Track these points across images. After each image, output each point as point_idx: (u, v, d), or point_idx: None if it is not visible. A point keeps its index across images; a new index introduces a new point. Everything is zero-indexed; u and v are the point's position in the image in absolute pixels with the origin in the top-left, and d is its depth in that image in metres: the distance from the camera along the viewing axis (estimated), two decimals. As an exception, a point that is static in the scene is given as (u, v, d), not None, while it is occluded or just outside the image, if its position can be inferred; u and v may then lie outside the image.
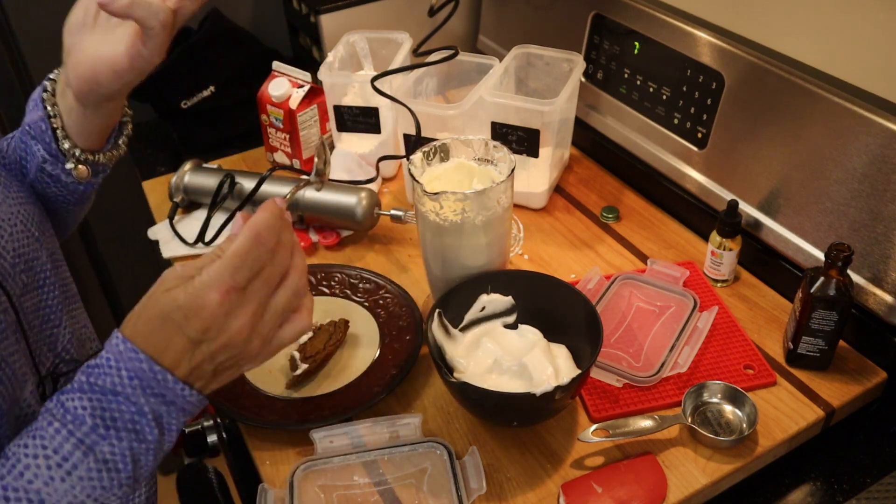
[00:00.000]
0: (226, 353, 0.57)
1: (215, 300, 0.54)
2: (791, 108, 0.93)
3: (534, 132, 1.09)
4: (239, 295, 0.55)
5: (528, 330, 0.87)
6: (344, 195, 1.09)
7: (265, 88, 1.25)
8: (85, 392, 0.55)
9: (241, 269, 0.55)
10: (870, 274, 0.87)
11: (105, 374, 0.55)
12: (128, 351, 0.55)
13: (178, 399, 0.57)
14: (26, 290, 0.68)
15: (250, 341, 0.57)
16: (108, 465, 0.55)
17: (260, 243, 0.56)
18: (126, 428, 0.56)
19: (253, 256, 0.56)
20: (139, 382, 0.55)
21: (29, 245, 0.69)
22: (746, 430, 0.81)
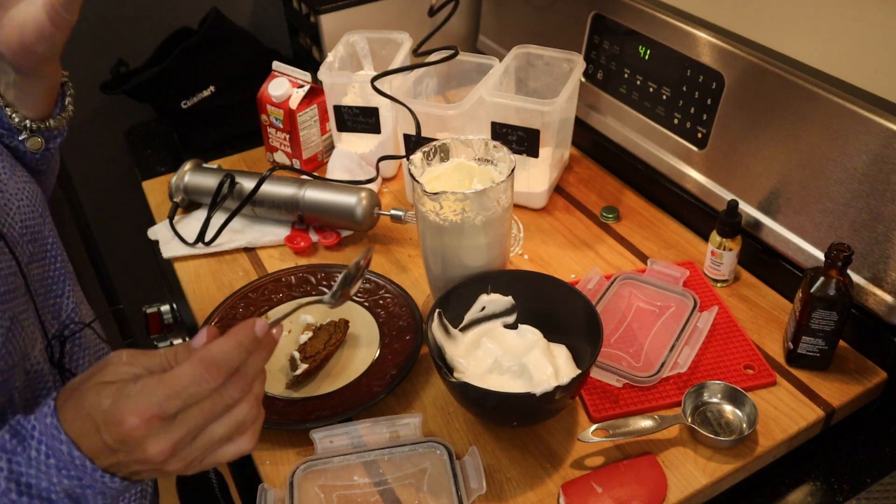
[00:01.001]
0: (141, 466, 0.53)
1: (133, 423, 0.51)
2: (791, 108, 0.93)
3: (534, 132, 1.09)
4: (164, 423, 0.51)
5: (528, 330, 0.87)
6: (344, 195, 1.09)
7: (265, 88, 1.25)
8: (6, 452, 0.53)
9: (173, 400, 0.51)
10: (870, 274, 0.87)
11: (27, 444, 0.53)
12: (51, 428, 0.53)
13: (97, 483, 0.54)
14: (33, 260, 0.69)
15: (169, 463, 0.53)
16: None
17: (204, 380, 0.51)
18: (40, 496, 0.53)
19: (191, 391, 0.51)
20: (55, 462, 0.53)
21: (34, 219, 0.71)
22: (746, 430, 0.81)
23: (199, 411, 0.52)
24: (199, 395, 0.51)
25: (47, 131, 0.78)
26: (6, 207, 0.67)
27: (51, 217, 0.77)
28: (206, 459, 0.55)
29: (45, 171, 0.84)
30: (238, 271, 1.09)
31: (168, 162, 1.39)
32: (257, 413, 0.55)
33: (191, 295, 1.05)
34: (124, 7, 1.49)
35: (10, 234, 0.65)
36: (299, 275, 1.03)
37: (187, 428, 0.52)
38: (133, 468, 0.54)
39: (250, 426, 0.55)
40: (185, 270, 1.09)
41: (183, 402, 0.51)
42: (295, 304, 0.65)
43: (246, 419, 0.54)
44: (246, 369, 0.53)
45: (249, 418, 0.54)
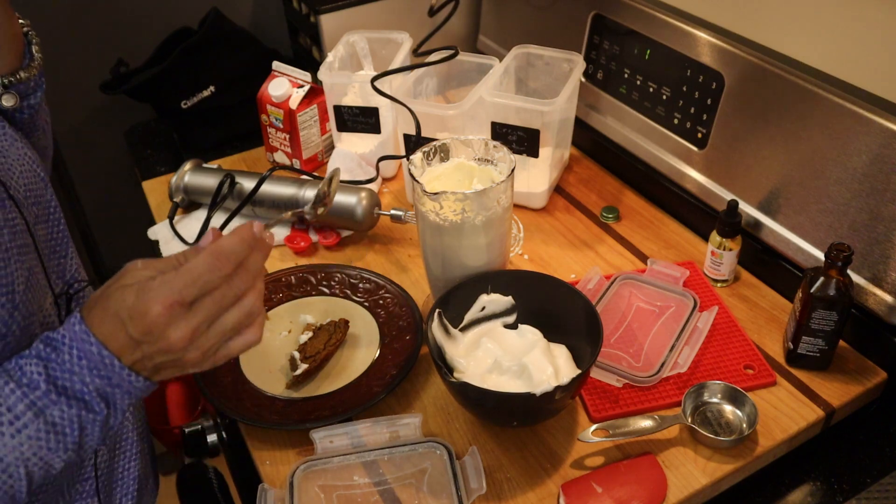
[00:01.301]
0: (164, 357, 0.59)
1: (157, 311, 0.57)
2: (791, 108, 0.93)
3: (534, 132, 1.09)
4: (183, 309, 0.58)
5: (528, 330, 0.87)
6: (344, 195, 1.09)
7: (265, 88, 1.25)
8: (42, 359, 0.59)
9: (191, 287, 0.57)
10: (870, 274, 0.87)
11: (59, 350, 0.59)
12: (81, 332, 0.59)
13: (124, 383, 0.60)
14: (38, 221, 0.72)
15: (188, 351, 0.59)
16: (55, 429, 0.58)
17: (217, 268, 0.58)
18: (75, 397, 0.59)
19: (205, 279, 0.58)
20: (87, 363, 0.59)
21: (36, 184, 0.74)
22: (746, 430, 0.81)
23: (212, 300, 0.58)
24: (213, 284, 0.58)
25: (20, 84, 0.77)
26: (10, 171, 0.70)
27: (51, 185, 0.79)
28: (220, 352, 0.61)
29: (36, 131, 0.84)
30: (238, 271, 1.08)
31: (168, 162, 1.39)
32: (261, 307, 0.62)
33: (191, 295, 1.05)
34: (124, 7, 1.49)
35: (16, 195, 0.69)
36: (299, 275, 1.03)
37: (203, 315, 0.58)
38: (157, 360, 0.59)
39: (256, 318, 0.62)
40: (185, 270, 1.09)
41: (199, 289, 0.58)
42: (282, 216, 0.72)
43: (252, 309, 0.61)
44: (249, 264, 0.60)
45: (255, 309, 0.61)
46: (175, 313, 0.57)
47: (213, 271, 0.58)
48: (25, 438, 0.57)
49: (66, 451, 0.60)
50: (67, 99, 1.51)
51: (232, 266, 0.59)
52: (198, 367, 0.62)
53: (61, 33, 1.45)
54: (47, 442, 0.58)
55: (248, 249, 0.60)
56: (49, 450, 0.59)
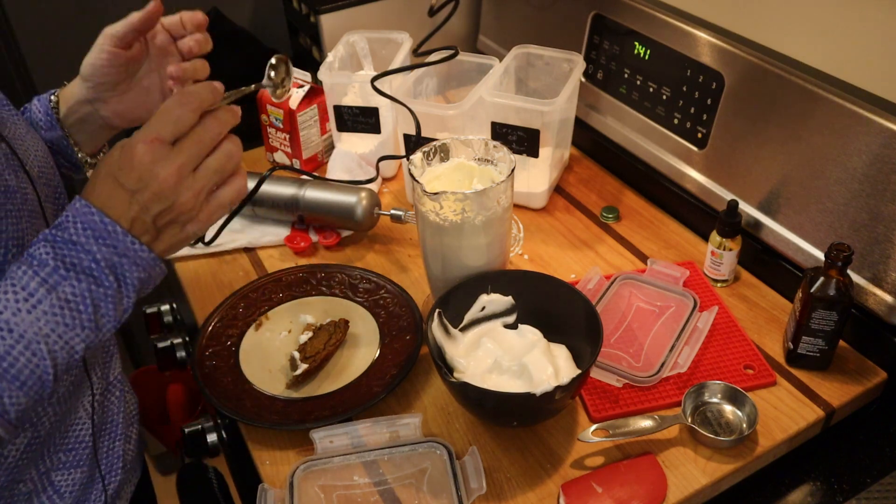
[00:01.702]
0: (159, 204, 0.62)
1: (141, 149, 0.61)
2: (791, 108, 0.93)
3: (534, 132, 1.09)
4: (164, 146, 0.61)
5: (528, 330, 0.87)
6: (344, 195, 1.09)
7: (265, 88, 1.24)
8: (49, 241, 0.61)
9: (165, 123, 0.62)
10: (870, 274, 0.87)
11: (64, 228, 0.61)
12: (83, 207, 0.62)
13: (129, 252, 0.62)
14: (48, 199, 0.75)
15: (180, 192, 0.62)
16: (69, 304, 0.60)
17: (184, 102, 0.62)
18: (84, 272, 0.61)
19: (177, 114, 0.62)
20: (91, 233, 0.61)
21: (49, 168, 0.78)
22: (746, 430, 0.81)
23: (190, 140, 0.62)
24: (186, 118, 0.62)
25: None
26: (26, 153, 0.73)
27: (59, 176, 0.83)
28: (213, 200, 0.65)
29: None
30: (238, 271, 1.09)
31: (168, 162, 1.39)
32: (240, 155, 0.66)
33: (191, 295, 1.05)
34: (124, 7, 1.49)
35: (31, 171, 0.72)
36: (299, 275, 1.03)
37: (186, 154, 0.62)
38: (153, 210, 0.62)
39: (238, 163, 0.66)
40: (185, 270, 1.09)
41: (174, 124, 0.62)
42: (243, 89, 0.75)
43: (232, 153, 0.65)
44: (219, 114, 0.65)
45: (235, 153, 0.65)
46: (158, 150, 0.61)
47: (182, 105, 0.62)
48: (41, 314, 0.59)
49: (84, 329, 0.61)
50: (67, 99, 1.51)
51: (197, 102, 0.63)
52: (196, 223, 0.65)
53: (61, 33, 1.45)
54: (63, 318, 0.60)
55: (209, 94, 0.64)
56: (66, 325, 0.60)
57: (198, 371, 0.90)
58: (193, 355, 0.92)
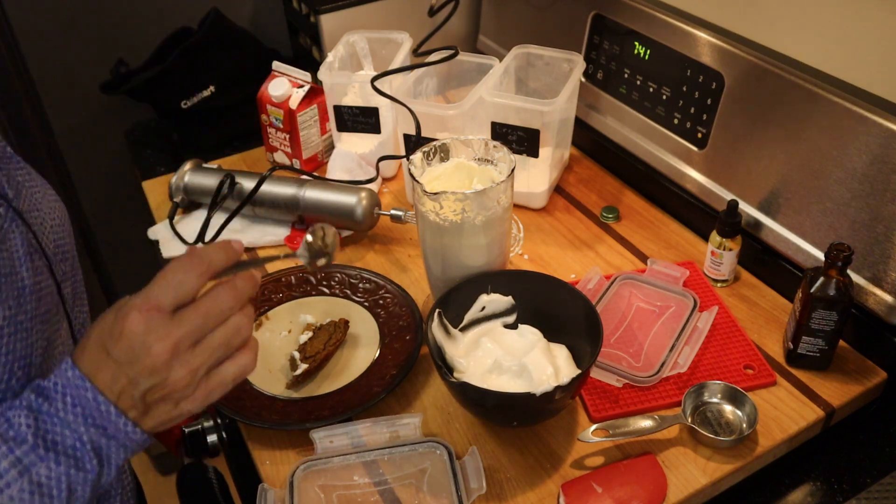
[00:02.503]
0: (150, 380, 0.55)
1: (134, 318, 0.54)
2: (791, 108, 0.93)
3: (534, 132, 1.09)
4: (162, 316, 0.54)
5: (528, 330, 0.87)
6: (344, 195, 1.09)
7: (265, 88, 1.25)
8: (32, 410, 0.55)
9: (165, 289, 0.54)
10: (870, 274, 0.87)
11: (52, 399, 0.55)
12: (75, 378, 0.55)
13: (119, 434, 0.56)
14: (65, 278, 0.71)
15: (173, 368, 0.55)
16: (41, 490, 0.54)
17: (189, 266, 0.55)
18: (65, 454, 0.55)
19: (180, 279, 0.55)
20: (81, 410, 0.55)
21: (64, 238, 0.72)
22: (746, 430, 0.81)
23: (195, 311, 0.55)
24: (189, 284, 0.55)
25: None
26: (43, 226, 0.68)
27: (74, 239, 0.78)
28: (212, 377, 0.57)
29: None
30: (238, 271, 1.08)
31: (168, 162, 1.39)
32: (251, 329, 0.59)
33: (191, 295, 1.05)
34: (124, 7, 1.49)
35: (48, 253, 0.66)
36: (299, 275, 1.03)
37: (187, 327, 0.55)
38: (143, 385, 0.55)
39: (247, 337, 0.58)
40: (185, 270, 1.09)
41: (175, 291, 0.54)
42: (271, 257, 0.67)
43: (242, 328, 0.57)
44: (235, 282, 0.57)
45: (245, 330, 0.57)
46: (153, 319, 0.54)
47: (187, 271, 0.55)
48: (7, 499, 0.53)
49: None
50: (67, 99, 1.51)
51: (205, 266, 0.56)
52: (191, 401, 0.57)
53: (61, 33, 1.45)
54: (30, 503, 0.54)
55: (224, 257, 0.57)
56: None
57: (198, 371, 0.89)
58: (193, 355, 0.92)
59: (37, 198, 0.69)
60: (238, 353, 0.58)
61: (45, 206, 0.70)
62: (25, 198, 0.67)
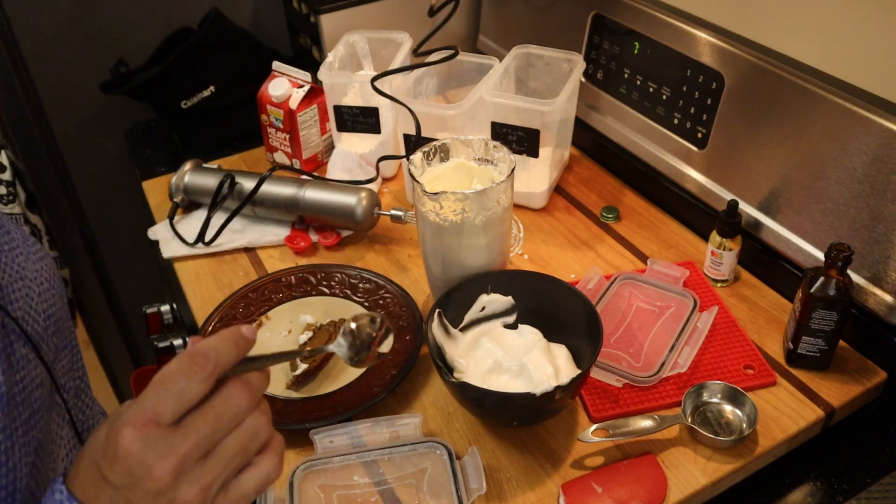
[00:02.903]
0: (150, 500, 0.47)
1: (128, 436, 0.45)
2: (791, 108, 0.93)
3: (534, 132, 1.09)
4: (162, 430, 0.46)
5: (528, 330, 0.87)
6: (344, 195, 1.09)
7: (265, 88, 1.25)
8: None
9: (164, 398, 0.46)
10: (870, 274, 0.87)
11: None
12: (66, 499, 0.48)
13: None
14: (58, 351, 0.65)
15: (181, 488, 0.46)
16: None
17: (192, 370, 0.46)
18: None
19: (179, 386, 0.46)
20: None
21: (55, 304, 0.65)
22: (746, 430, 0.81)
23: (202, 419, 0.47)
24: (192, 391, 0.46)
25: None
26: (28, 298, 0.61)
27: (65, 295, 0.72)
28: (230, 492, 0.49)
29: None
30: (238, 271, 1.09)
31: (168, 162, 1.39)
32: (271, 429, 0.50)
33: (191, 295, 1.05)
34: (124, 7, 1.49)
35: (34, 331, 0.60)
36: (299, 275, 1.03)
37: (193, 438, 0.46)
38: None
39: (269, 440, 0.50)
40: (185, 270, 1.09)
41: (176, 400, 0.46)
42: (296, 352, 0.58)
43: (259, 429, 0.49)
44: (249, 378, 0.49)
45: (263, 430, 0.49)
46: (151, 435, 0.45)
47: (189, 375, 0.46)
48: None
49: None
50: (67, 99, 1.51)
51: (211, 367, 0.47)
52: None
53: (61, 33, 1.45)
54: None
55: (233, 349, 0.48)
56: None
57: (198, 371, 0.89)
58: (193, 355, 0.91)
59: (19, 262, 0.62)
60: (259, 457, 0.50)
61: (30, 269, 0.63)
62: (5, 269, 0.60)
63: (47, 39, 1.45)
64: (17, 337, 0.56)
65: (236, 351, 0.48)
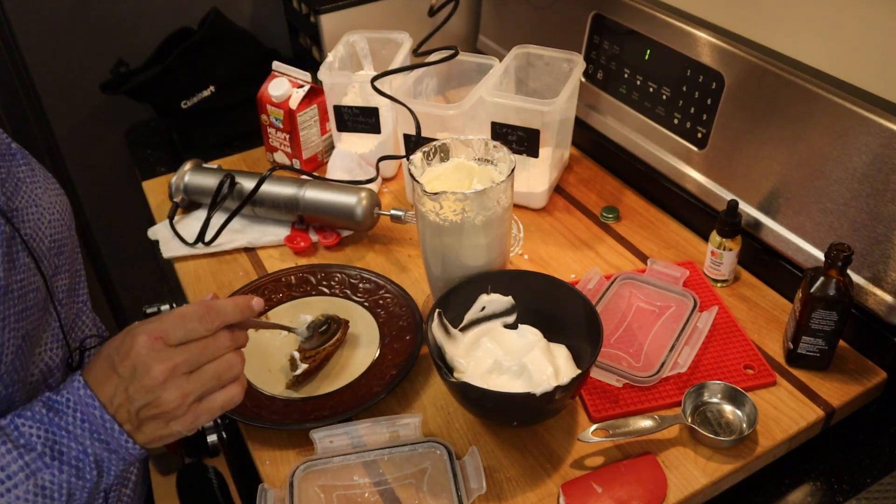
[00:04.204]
0: (144, 397, 0.61)
1: (141, 341, 0.60)
2: (791, 108, 0.93)
3: (534, 132, 1.09)
4: (166, 346, 0.61)
5: (528, 330, 0.87)
6: (344, 195, 1.09)
7: (265, 88, 1.25)
8: (43, 424, 0.61)
9: (177, 328, 0.61)
10: (870, 274, 0.87)
11: (62, 413, 0.61)
12: (86, 396, 0.61)
13: (121, 449, 0.62)
14: (58, 271, 0.74)
15: (167, 389, 0.61)
16: (44, 492, 0.60)
17: (205, 318, 0.62)
18: (69, 463, 0.61)
19: (192, 326, 0.61)
20: (89, 426, 0.61)
21: (62, 232, 0.76)
22: (746, 430, 0.81)
23: (196, 346, 0.62)
24: (197, 332, 0.61)
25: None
26: (39, 222, 0.71)
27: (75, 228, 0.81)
28: (202, 403, 0.63)
29: None
30: (238, 271, 1.09)
31: (168, 162, 1.39)
32: (242, 368, 0.65)
33: (191, 295, 1.05)
34: (124, 7, 1.49)
35: (38, 248, 0.70)
36: (299, 275, 1.03)
37: (185, 357, 0.61)
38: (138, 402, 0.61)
39: (238, 374, 0.65)
40: (185, 270, 1.09)
41: (183, 332, 0.61)
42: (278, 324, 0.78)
43: (233, 364, 0.64)
44: (238, 334, 0.65)
45: (236, 365, 0.64)
46: (158, 347, 0.60)
47: (202, 320, 0.62)
48: (14, 498, 0.59)
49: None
50: (67, 99, 1.51)
51: (219, 322, 0.62)
52: (180, 422, 0.62)
53: (61, 33, 1.45)
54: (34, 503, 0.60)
55: (239, 315, 0.64)
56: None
57: (198, 371, 0.89)
58: (193, 355, 0.92)
59: (37, 193, 0.72)
60: (228, 385, 0.64)
61: (46, 200, 0.73)
62: (24, 195, 0.70)
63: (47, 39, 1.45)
64: (21, 248, 0.67)
65: (241, 316, 0.64)
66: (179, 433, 0.63)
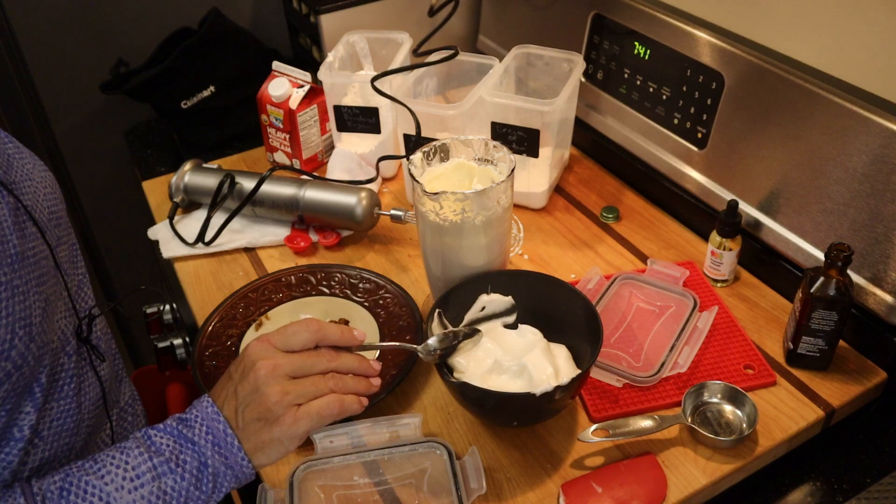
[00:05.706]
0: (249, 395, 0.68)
1: (252, 345, 0.70)
2: (791, 108, 0.93)
3: (534, 132, 1.09)
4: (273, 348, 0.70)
5: (528, 330, 0.87)
6: (344, 195, 1.09)
7: (265, 88, 1.25)
8: (173, 435, 0.67)
9: (282, 334, 0.70)
10: (870, 274, 0.87)
11: (190, 426, 0.68)
12: (212, 413, 0.69)
13: (236, 465, 0.68)
14: (59, 243, 0.76)
15: (269, 385, 0.67)
16: (165, 496, 0.65)
17: (307, 328, 0.71)
18: (191, 472, 0.66)
19: (293, 328, 0.71)
20: (212, 439, 0.67)
21: (57, 205, 0.78)
22: (746, 430, 0.81)
23: (297, 355, 0.70)
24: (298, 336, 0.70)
25: None
26: (36, 195, 0.73)
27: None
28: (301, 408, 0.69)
29: None
30: (238, 271, 1.09)
31: (168, 162, 1.39)
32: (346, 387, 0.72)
33: (191, 295, 1.05)
34: (124, 7, 1.49)
35: (40, 219, 0.72)
36: (299, 275, 1.03)
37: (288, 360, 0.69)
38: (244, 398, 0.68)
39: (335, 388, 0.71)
40: (185, 270, 1.09)
41: (286, 338, 0.70)
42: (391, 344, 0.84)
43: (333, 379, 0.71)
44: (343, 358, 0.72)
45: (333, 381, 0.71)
46: (264, 346, 0.69)
47: (305, 327, 0.71)
48: (139, 497, 0.64)
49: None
50: (67, 99, 1.51)
51: (320, 333, 0.71)
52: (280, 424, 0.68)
53: (61, 33, 1.46)
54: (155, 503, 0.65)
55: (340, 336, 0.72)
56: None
57: (198, 371, 0.90)
58: (193, 355, 0.92)
59: (28, 169, 0.74)
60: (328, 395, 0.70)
61: (37, 175, 0.76)
62: (17, 170, 0.72)
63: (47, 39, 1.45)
64: (26, 218, 0.69)
65: (341, 338, 0.73)
66: (279, 440, 0.68)
